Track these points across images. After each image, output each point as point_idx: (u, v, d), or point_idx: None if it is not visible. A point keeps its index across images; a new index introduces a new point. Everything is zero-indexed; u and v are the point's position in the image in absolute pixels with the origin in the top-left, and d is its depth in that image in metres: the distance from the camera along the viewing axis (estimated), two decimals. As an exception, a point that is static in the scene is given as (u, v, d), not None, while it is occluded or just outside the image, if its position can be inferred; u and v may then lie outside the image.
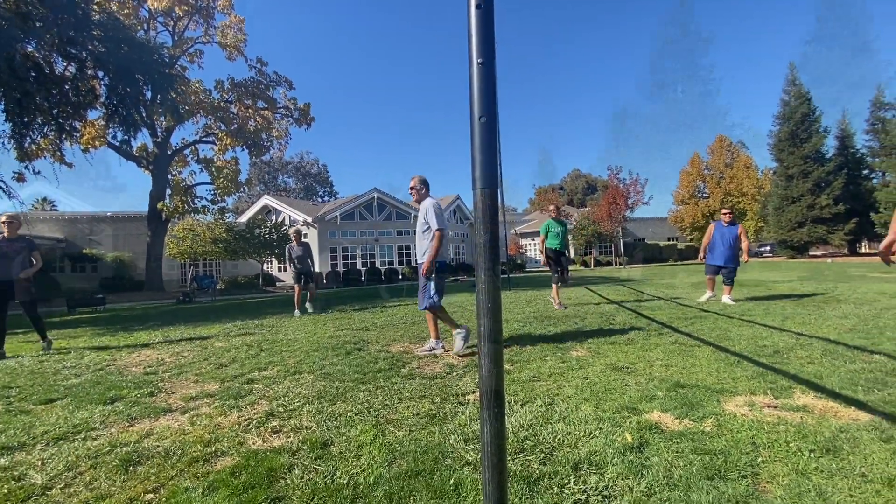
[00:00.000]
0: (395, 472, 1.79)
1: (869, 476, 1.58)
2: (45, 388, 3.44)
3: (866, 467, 1.64)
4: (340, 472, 1.83)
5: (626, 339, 4.24)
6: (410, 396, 2.82)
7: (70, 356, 4.85)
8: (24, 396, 3.25)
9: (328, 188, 70.72)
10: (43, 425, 2.57)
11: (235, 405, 2.81)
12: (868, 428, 1.98)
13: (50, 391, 3.34)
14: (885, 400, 2.33)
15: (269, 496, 1.66)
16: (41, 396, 3.20)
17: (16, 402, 3.11)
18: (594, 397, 2.57)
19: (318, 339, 5.27)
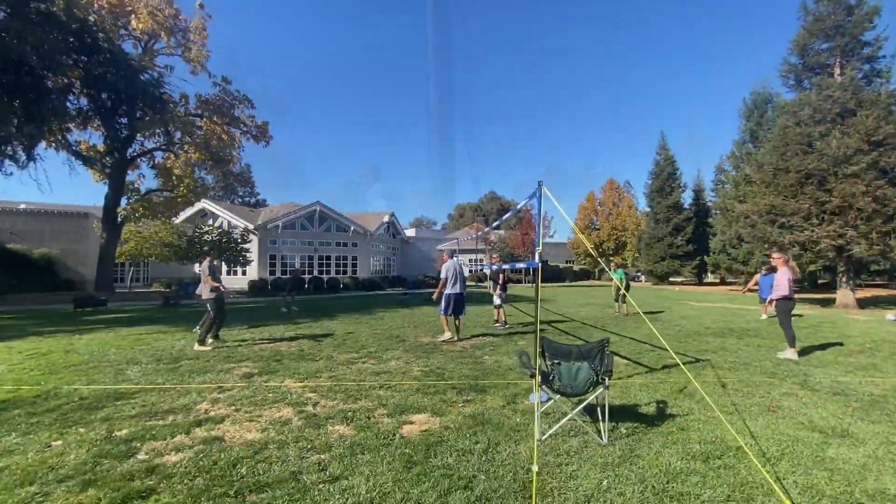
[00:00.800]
0: (478, 374, 5.37)
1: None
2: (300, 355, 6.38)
3: (614, 371, 5.56)
4: (447, 375, 5.37)
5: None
6: (456, 359, 6.37)
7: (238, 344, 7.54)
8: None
9: (249, 189, 69.19)
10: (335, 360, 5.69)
11: (380, 359, 6.14)
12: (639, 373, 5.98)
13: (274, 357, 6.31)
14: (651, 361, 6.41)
15: (441, 377, 5.14)
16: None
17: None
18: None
19: (371, 332, 8.50)
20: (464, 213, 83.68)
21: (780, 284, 6.98)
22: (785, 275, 6.99)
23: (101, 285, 19.45)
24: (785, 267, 7.08)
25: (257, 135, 24.42)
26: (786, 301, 6.98)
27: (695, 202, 38.55)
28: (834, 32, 15.92)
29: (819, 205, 15.05)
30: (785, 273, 7.01)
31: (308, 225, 31.97)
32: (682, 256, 34.83)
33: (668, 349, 6.42)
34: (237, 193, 67.62)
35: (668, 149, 37.51)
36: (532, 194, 4.80)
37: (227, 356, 6.66)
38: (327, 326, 10.08)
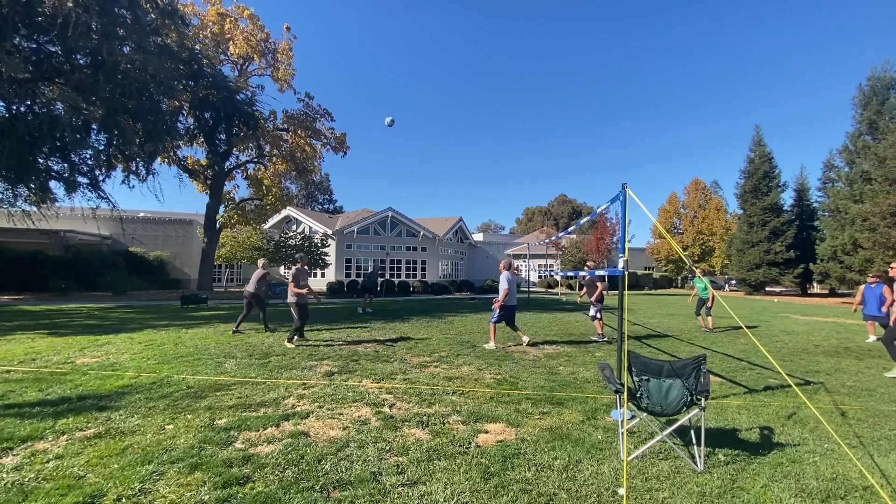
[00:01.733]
0: (553, 385, 5.18)
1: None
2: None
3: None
4: (522, 384, 5.22)
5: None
6: (529, 368, 6.21)
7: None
8: (331, 359, 6.53)
9: (328, 196, 73.70)
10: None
11: (452, 364, 6.16)
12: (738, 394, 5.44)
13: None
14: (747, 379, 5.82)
15: (515, 386, 5.03)
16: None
17: (334, 361, 6.39)
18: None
19: (442, 337, 8.61)
20: (532, 216, 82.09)
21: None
22: None
23: (203, 284, 21.68)
24: (870, 283, 6.04)
25: (336, 146, 25.87)
26: None
27: (797, 203, 34.52)
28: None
29: (964, 205, 12.74)
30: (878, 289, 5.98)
31: (380, 230, 33.21)
32: (782, 264, 31.28)
33: (773, 368, 5.79)
34: (317, 201, 72.39)
35: (765, 144, 33.95)
36: (615, 197, 4.55)
37: (309, 354, 7.06)
38: (399, 329, 10.35)
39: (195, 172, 22.63)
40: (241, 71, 23.29)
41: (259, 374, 5.70)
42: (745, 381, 5.76)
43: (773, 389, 5.37)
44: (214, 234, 22.38)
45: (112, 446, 3.38)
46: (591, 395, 4.93)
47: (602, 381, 5.44)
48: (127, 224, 27.05)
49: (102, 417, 4.02)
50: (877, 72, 25.84)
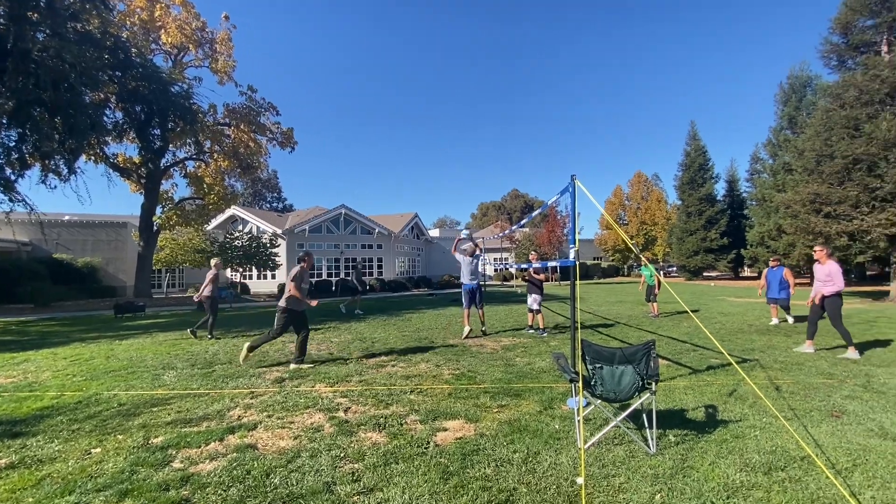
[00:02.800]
0: (510, 377, 5.19)
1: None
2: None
3: (655, 372, 5.28)
4: (480, 375, 5.20)
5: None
6: (487, 361, 6.21)
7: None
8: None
9: (277, 194, 70.91)
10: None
11: (410, 362, 6.04)
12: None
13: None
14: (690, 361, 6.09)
15: (473, 380, 4.99)
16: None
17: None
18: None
19: (399, 335, 8.44)
20: (487, 211, 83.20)
21: (832, 279, 6.50)
22: (829, 268, 6.51)
23: (140, 291, 20.19)
24: (829, 260, 6.60)
25: (283, 141, 24.86)
26: (836, 297, 6.51)
27: (728, 193, 37.13)
28: (880, 7, 14.96)
29: (869, 192, 14.14)
30: (828, 267, 6.53)
31: (334, 228, 32.38)
32: (717, 250, 33.59)
33: (714, 349, 6.09)
34: (265, 199, 69.50)
35: (699, 139, 36.31)
36: (564, 189, 4.60)
37: (258, 360, 6.70)
38: (355, 329, 10.08)
39: (127, 171, 20.96)
40: (175, 62, 21.79)
41: (202, 385, 5.32)
42: (689, 363, 6.05)
43: (715, 369, 5.67)
44: (151, 236, 20.88)
45: (27, 477, 2.99)
46: (546, 385, 4.97)
47: (557, 370, 5.52)
48: (49, 228, 24.72)
49: (16, 445, 3.57)
50: (795, 71, 28.23)
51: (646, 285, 11.99)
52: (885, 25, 14.94)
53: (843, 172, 14.86)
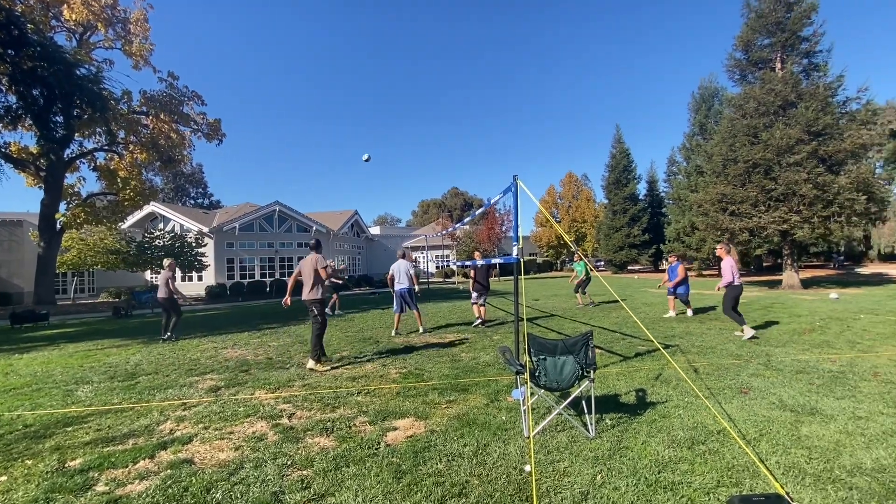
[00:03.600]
0: (457, 372, 5.28)
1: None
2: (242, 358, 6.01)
3: (590, 361, 5.63)
4: (428, 373, 5.25)
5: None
6: (433, 358, 6.26)
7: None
8: (215, 371, 5.83)
9: (202, 189, 66.11)
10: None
11: (355, 363, 5.93)
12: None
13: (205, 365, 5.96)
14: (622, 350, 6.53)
15: (420, 378, 5.02)
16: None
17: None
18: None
19: (342, 335, 8.24)
20: (428, 209, 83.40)
21: (729, 272, 7.36)
22: (727, 263, 7.40)
23: (42, 298, 17.95)
24: (727, 256, 7.48)
25: (209, 133, 23.21)
26: (732, 288, 7.41)
27: (649, 193, 40.07)
28: (775, 28, 16.87)
29: (765, 192, 15.96)
30: (726, 262, 7.41)
31: (267, 226, 30.86)
32: (640, 245, 36.15)
33: (641, 336, 6.57)
34: (189, 195, 64.59)
35: (624, 142, 38.74)
36: (507, 188, 4.75)
37: (189, 369, 6.25)
38: (295, 332, 9.72)
39: (22, 162, 18.48)
40: (80, 41, 19.54)
41: (124, 400, 4.87)
42: (620, 350, 6.51)
43: (643, 355, 6.15)
44: (54, 236, 18.61)
45: None
46: (492, 379, 5.13)
47: (501, 363, 5.70)
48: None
49: None
50: (705, 82, 31.07)
51: (577, 279, 12.66)
52: (779, 45, 16.90)
53: (745, 175, 16.65)
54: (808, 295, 13.95)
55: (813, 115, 15.10)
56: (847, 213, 14.82)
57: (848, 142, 14.77)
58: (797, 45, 16.77)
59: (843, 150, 14.85)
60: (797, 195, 15.15)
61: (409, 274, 8.79)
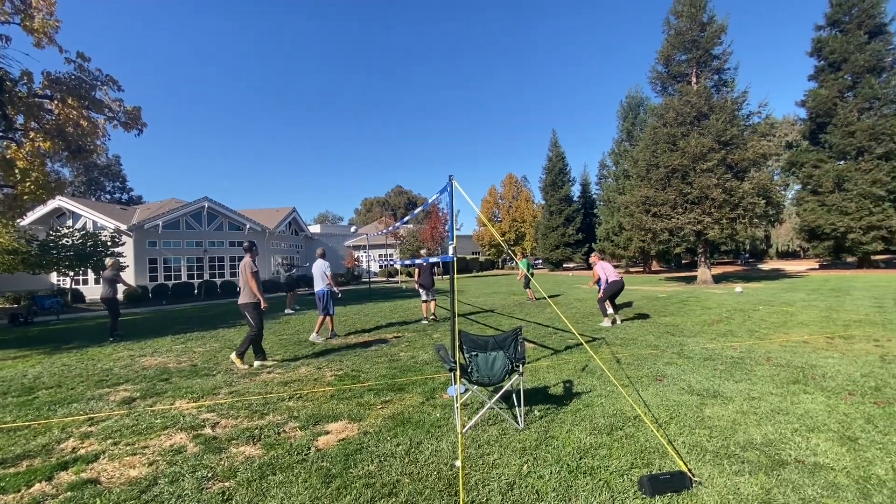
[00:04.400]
0: (395, 372, 5.26)
1: (523, 358, 5.76)
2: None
3: (524, 356, 5.83)
4: (362, 371, 5.20)
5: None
6: (371, 359, 6.19)
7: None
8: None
9: (120, 183, 60.39)
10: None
11: (288, 367, 5.72)
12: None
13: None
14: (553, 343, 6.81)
15: (357, 379, 4.95)
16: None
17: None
18: (448, 350, 6.40)
19: (276, 339, 7.89)
20: (371, 207, 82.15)
21: (604, 273, 8.64)
22: (602, 266, 8.72)
23: (-85, 306, 15.53)
24: (600, 262, 8.82)
25: (127, 122, 21.16)
26: (610, 286, 8.56)
27: (583, 195, 42.27)
28: (691, 46, 18.42)
29: (682, 196, 17.40)
30: (601, 266, 8.68)
31: (195, 224, 28.85)
32: (573, 244, 38.02)
33: (570, 330, 6.90)
34: (104, 189, 58.80)
35: (560, 146, 40.54)
36: (443, 189, 4.80)
37: (99, 380, 5.70)
38: (224, 337, 9.18)
39: None
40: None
41: (18, 418, 4.35)
42: (552, 344, 6.82)
43: (572, 348, 6.48)
44: (-68, 234, 16.18)
45: None
46: (429, 377, 5.16)
47: (439, 361, 5.76)
48: None
49: None
50: (632, 92, 33.24)
51: (525, 276, 13.68)
52: (694, 61, 18.49)
53: (665, 179, 18.06)
54: (719, 289, 15.41)
55: (722, 126, 16.69)
56: (750, 215, 16.54)
57: (751, 151, 16.49)
58: (709, 61, 18.43)
59: (747, 158, 16.56)
60: (709, 199, 16.67)
61: (325, 274, 8.44)
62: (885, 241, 21.74)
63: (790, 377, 4.66)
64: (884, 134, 20.98)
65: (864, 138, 21.53)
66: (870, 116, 22.01)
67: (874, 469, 2.76)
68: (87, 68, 20.24)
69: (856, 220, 21.55)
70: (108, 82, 21.01)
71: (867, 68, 22.22)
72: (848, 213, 21.85)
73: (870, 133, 21.36)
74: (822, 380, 4.54)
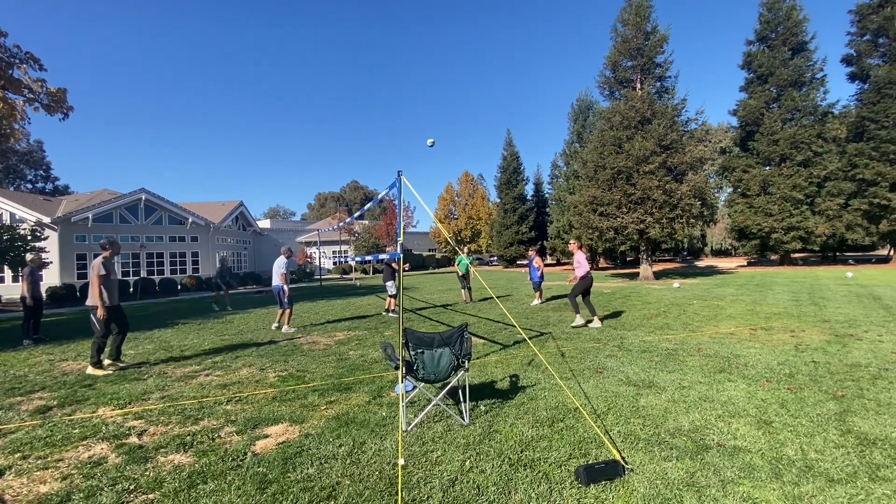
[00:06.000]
0: (342, 371, 5.14)
1: (472, 354, 5.80)
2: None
3: (473, 352, 5.87)
4: (312, 375, 5.05)
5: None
6: (318, 358, 6.02)
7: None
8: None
9: (43, 171, 55.18)
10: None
11: (228, 368, 5.44)
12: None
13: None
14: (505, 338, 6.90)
15: (301, 380, 4.79)
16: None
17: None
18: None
19: (217, 339, 7.49)
20: (325, 202, 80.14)
21: (581, 265, 8.10)
22: (578, 257, 8.12)
23: None
24: (579, 251, 8.23)
25: (50, 104, 19.37)
26: (583, 279, 8.09)
27: (536, 194, 43.38)
28: (636, 53, 19.31)
29: (627, 196, 18.24)
30: (578, 255, 8.13)
31: (130, 217, 26.89)
32: (527, 242, 38.93)
33: (517, 326, 7.05)
34: (24, 178, 53.57)
35: (514, 145, 41.33)
36: (392, 184, 4.73)
37: (10, 388, 5.16)
38: (160, 337, 8.61)
39: None
40: None
41: None
42: (500, 339, 6.93)
43: (520, 343, 6.62)
44: None
45: None
46: (378, 375, 5.09)
47: (388, 359, 5.70)
48: None
49: None
50: (582, 95, 34.42)
51: (459, 275, 13.27)
52: (639, 67, 19.42)
53: (612, 180, 18.87)
54: (658, 285, 16.32)
55: (663, 130, 17.65)
56: (688, 215, 17.63)
57: (688, 155, 17.57)
58: (653, 69, 19.43)
59: (685, 162, 17.62)
60: (651, 199, 17.59)
61: (280, 272, 8.75)
62: (803, 240, 23.95)
63: (717, 367, 5.00)
64: (803, 143, 23.03)
65: (786, 146, 23.53)
66: (791, 126, 24.08)
67: (785, 450, 3.00)
68: (4, 45, 18.35)
69: (778, 221, 23.52)
70: (27, 60, 19.14)
71: (790, 82, 24.28)
72: (772, 214, 23.81)
73: (791, 141, 23.37)
74: (744, 368, 4.90)
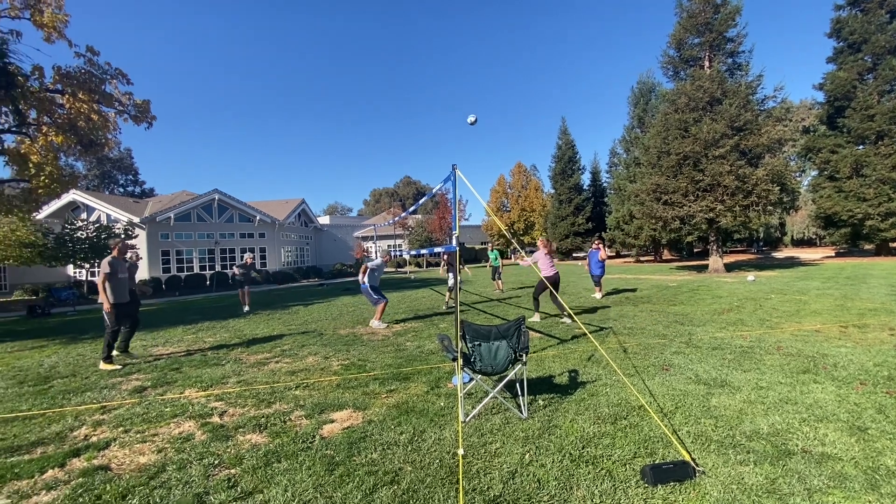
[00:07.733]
0: (400, 361, 5.29)
1: (529, 347, 5.74)
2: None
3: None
4: (373, 368, 5.24)
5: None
6: (377, 349, 6.23)
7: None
8: (142, 371, 5.49)
9: (132, 176, 61.14)
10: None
11: (296, 356, 5.78)
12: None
13: (154, 367, 5.62)
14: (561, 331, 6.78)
15: (363, 369, 4.99)
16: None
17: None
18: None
19: (285, 329, 7.98)
20: (380, 198, 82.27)
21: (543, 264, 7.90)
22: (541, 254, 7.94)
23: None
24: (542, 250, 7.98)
25: (137, 115, 21.36)
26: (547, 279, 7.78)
27: (592, 183, 41.83)
28: (704, 28, 17.95)
29: (694, 183, 17.09)
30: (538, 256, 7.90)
31: (206, 216, 29.15)
32: (583, 233, 37.72)
33: (574, 320, 6.87)
34: (117, 182, 59.65)
35: (569, 133, 40.02)
36: (447, 178, 4.76)
37: (112, 371, 5.82)
38: (234, 327, 9.30)
39: None
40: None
41: (34, 406, 4.47)
42: (558, 334, 6.79)
43: (579, 338, 6.45)
44: (-48, 228, 16.59)
45: None
46: (434, 366, 5.18)
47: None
48: None
49: None
50: (643, 77, 32.59)
51: (492, 267, 14.11)
52: (707, 44, 18.03)
53: (677, 167, 17.74)
54: (730, 278, 15.19)
55: (735, 111, 16.30)
56: (764, 202, 16.21)
57: (765, 137, 16.11)
58: (723, 45, 17.96)
59: (761, 144, 16.18)
60: (721, 185, 16.36)
61: (364, 271, 8.54)
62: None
63: (800, 367, 4.58)
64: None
65: (884, 122, 20.90)
66: (890, 99, 21.34)
67: (883, 459, 2.71)
68: (96, 62, 20.42)
69: (874, 207, 21.03)
70: (117, 76, 21.17)
71: (888, 49, 21.48)
72: (866, 199, 21.32)
73: (890, 116, 20.73)
74: (833, 369, 4.46)
